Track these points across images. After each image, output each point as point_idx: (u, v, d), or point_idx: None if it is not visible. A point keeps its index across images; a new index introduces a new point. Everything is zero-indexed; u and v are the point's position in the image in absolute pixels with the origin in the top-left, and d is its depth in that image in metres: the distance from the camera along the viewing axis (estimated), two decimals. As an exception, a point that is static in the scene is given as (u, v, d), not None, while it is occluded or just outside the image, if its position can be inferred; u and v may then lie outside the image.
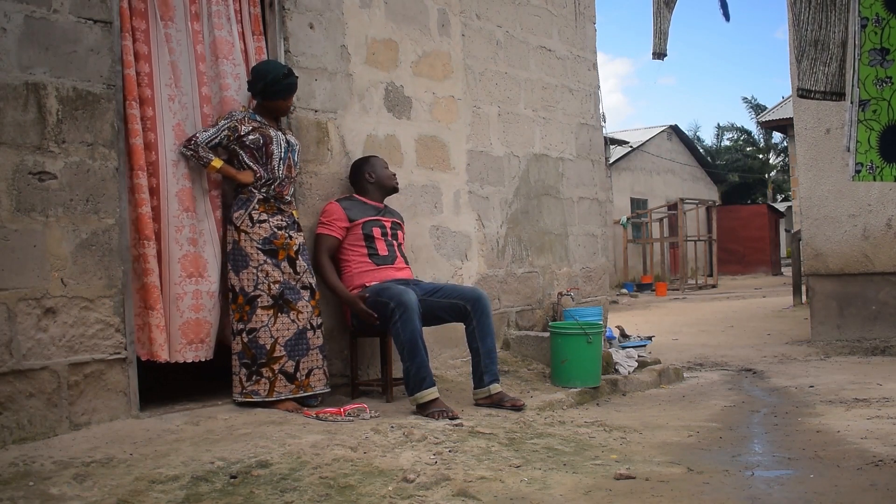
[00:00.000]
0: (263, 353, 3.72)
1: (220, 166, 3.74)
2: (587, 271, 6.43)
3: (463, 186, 5.29)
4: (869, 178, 3.08)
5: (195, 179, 3.76)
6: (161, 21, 3.70)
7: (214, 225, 3.83)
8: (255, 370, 3.72)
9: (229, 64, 3.92)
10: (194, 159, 3.70)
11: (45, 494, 2.55)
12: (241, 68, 3.98)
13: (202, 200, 3.79)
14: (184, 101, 3.77)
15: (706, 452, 3.37)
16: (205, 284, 3.73)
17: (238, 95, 3.94)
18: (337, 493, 2.64)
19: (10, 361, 3.02)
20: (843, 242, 7.35)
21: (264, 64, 3.92)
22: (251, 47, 4.08)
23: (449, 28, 5.23)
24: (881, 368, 5.87)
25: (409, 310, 3.83)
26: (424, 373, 3.82)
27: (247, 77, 3.97)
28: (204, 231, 3.77)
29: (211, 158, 3.70)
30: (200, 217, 3.76)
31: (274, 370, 3.73)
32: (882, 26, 2.98)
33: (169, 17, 3.74)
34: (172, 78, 3.71)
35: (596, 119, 6.60)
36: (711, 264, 22.19)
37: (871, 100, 3.00)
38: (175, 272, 3.64)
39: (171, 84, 3.70)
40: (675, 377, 5.62)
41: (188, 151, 3.68)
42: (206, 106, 3.87)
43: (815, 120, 7.47)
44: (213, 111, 3.90)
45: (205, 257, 3.75)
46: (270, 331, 3.73)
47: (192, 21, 3.84)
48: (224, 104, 3.90)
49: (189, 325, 3.67)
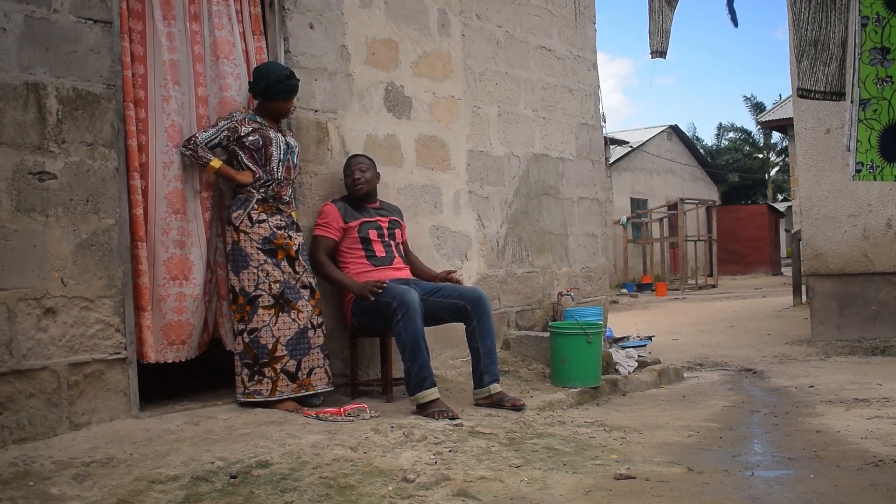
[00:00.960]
0: (265, 353, 3.72)
1: (220, 167, 3.74)
2: (587, 271, 6.43)
3: (463, 186, 5.29)
4: (869, 178, 3.07)
5: (186, 180, 3.75)
6: (164, 20, 3.70)
7: (203, 227, 3.82)
8: (258, 370, 3.72)
9: (230, 64, 3.92)
10: (193, 159, 3.70)
11: (45, 494, 2.55)
12: (241, 68, 3.98)
13: (193, 202, 3.79)
14: (182, 100, 3.77)
15: (706, 452, 3.37)
16: (189, 287, 3.73)
17: (238, 96, 3.94)
18: (337, 493, 2.64)
19: (10, 361, 3.02)
20: (843, 242, 7.35)
21: (266, 65, 3.92)
22: (251, 47, 4.08)
23: (449, 28, 5.23)
24: (881, 368, 5.87)
25: (411, 309, 3.83)
26: (426, 373, 3.82)
27: (248, 78, 3.97)
28: (192, 233, 3.77)
29: (210, 159, 3.70)
30: (189, 219, 3.77)
31: (276, 370, 3.73)
32: (882, 25, 2.98)
33: (171, 16, 3.74)
34: (170, 78, 3.70)
35: (596, 119, 6.60)
36: (711, 264, 22.19)
37: (872, 99, 3.00)
38: (160, 274, 3.66)
39: (167, 84, 3.69)
40: (675, 377, 5.62)
41: (187, 151, 3.68)
42: (202, 107, 3.86)
43: (815, 120, 7.47)
44: (212, 112, 3.89)
45: (191, 259, 3.76)
46: (272, 330, 3.73)
47: (191, 21, 3.83)
48: (224, 105, 3.89)
49: (171, 326, 3.68)
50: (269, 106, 3.90)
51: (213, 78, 3.90)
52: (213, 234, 3.92)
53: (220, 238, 3.95)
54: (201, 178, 3.83)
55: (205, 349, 3.93)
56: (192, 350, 3.80)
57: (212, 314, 3.93)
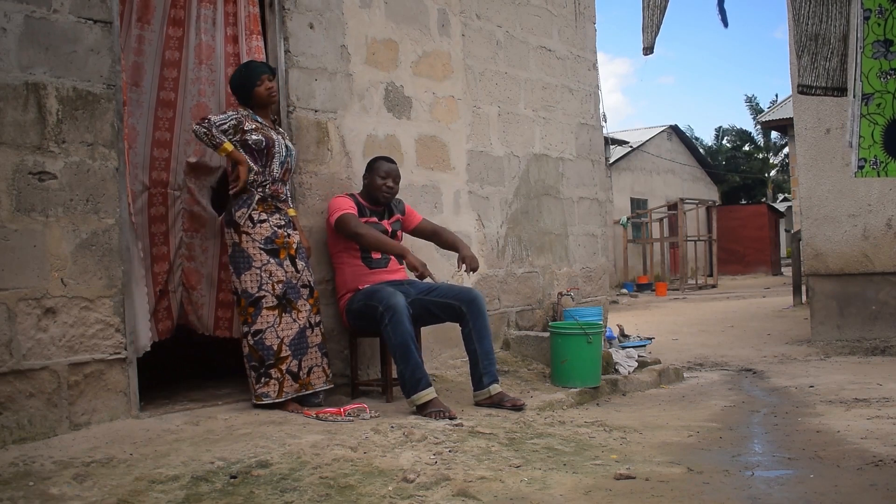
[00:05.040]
0: (271, 355, 3.72)
1: (231, 150, 3.71)
2: (587, 271, 6.43)
3: (463, 186, 5.29)
4: (872, 174, 3.06)
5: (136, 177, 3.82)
6: (138, 23, 3.76)
7: (146, 220, 3.91)
8: (264, 372, 3.71)
9: (207, 70, 3.99)
10: (207, 138, 3.67)
11: (45, 494, 2.55)
12: (217, 74, 4.04)
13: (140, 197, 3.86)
14: (140, 101, 3.83)
15: (706, 452, 3.37)
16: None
17: (211, 102, 4.00)
18: (337, 493, 2.64)
19: (10, 361, 3.03)
20: (843, 242, 7.35)
21: (231, 77, 3.96)
22: (243, 49, 4.10)
23: (449, 28, 5.23)
24: (881, 368, 5.87)
25: (397, 313, 3.83)
26: (419, 374, 3.82)
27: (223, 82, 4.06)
28: (137, 226, 3.82)
29: (223, 140, 3.68)
30: (134, 212, 3.81)
31: (282, 370, 3.73)
32: (885, 17, 2.96)
33: (146, 19, 3.80)
34: (131, 80, 3.75)
35: (596, 119, 6.60)
36: (711, 264, 22.19)
37: (875, 93, 2.99)
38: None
39: (127, 87, 3.72)
40: (675, 377, 5.61)
41: (201, 129, 3.65)
42: (161, 109, 3.92)
43: (815, 120, 7.47)
44: (186, 114, 3.94)
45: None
46: (276, 331, 3.73)
47: (169, 26, 3.88)
48: (200, 109, 3.95)
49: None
50: (255, 100, 3.88)
51: (193, 81, 3.97)
52: (177, 227, 3.99)
53: (186, 232, 4.02)
54: (151, 175, 3.89)
55: (167, 336, 3.99)
56: (153, 335, 3.83)
57: (176, 303, 4.02)
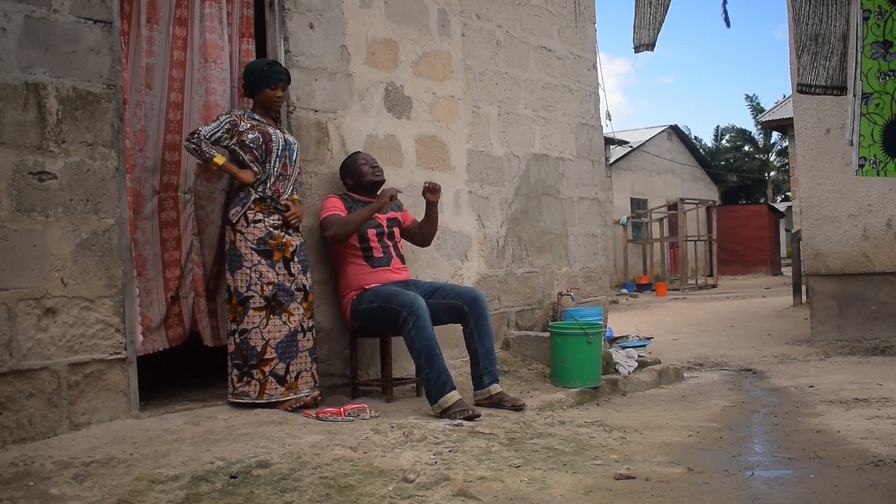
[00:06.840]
0: (254, 355, 3.71)
1: (223, 163, 3.73)
2: (587, 271, 6.43)
3: (463, 186, 5.29)
4: (872, 173, 3.06)
5: (145, 181, 3.81)
6: (148, 24, 3.73)
7: (157, 225, 3.89)
8: (246, 371, 3.71)
9: (217, 68, 3.95)
10: (196, 153, 3.69)
11: (45, 494, 2.55)
12: (227, 73, 4.02)
13: (150, 201, 3.84)
14: (152, 103, 3.81)
15: (706, 452, 3.37)
16: (142, 282, 3.78)
17: (222, 100, 3.97)
18: (337, 493, 2.64)
19: (10, 361, 3.02)
20: (843, 242, 7.35)
21: (252, 62, 3.98)
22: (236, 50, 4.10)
23: (449, 28, 5.23)
24: (881, 368, 5.87)
25: (422, 317, 3.83)
26: (445, 377, 3.82)
27: (233, 82, 4.04)
28: (146, 230, 3.83)
29: (213, 154, 3.69)
30: (146, 216, 3.83)
31: (264, 372, 3.72)
32: (885, 19, 2.97)
33: (155, 20, 3.77)
34: (144, 82, 3.74)
35: (596, 119, 6.60)
36: (711, 264, 22.19)
37: (874, 93, 3.00)
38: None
39: (142, 89, 3.72)
40: (675, 377, 5.61)
41: (191, 145, 3.67)
42: (172, 111, 3.89)
43: (816, 120, 7.47)
44: (196, 115, 3.92)
45: (145, 255, 3.82)
46: (261, 332, 3.73)
47: (175, 25, 3.86)
48: (209, 108, 3.92)
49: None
50: (259, 99, 3.89)
51: (200, 81, 3.93)
52: (188, 232, 3.94)
53: (196, 236, 3.97)
54: (161, 179, 3.86)
55: (179, 343, 3.97)
56: (163, 341, 3.87)
57: (188, 310, 3.96)
